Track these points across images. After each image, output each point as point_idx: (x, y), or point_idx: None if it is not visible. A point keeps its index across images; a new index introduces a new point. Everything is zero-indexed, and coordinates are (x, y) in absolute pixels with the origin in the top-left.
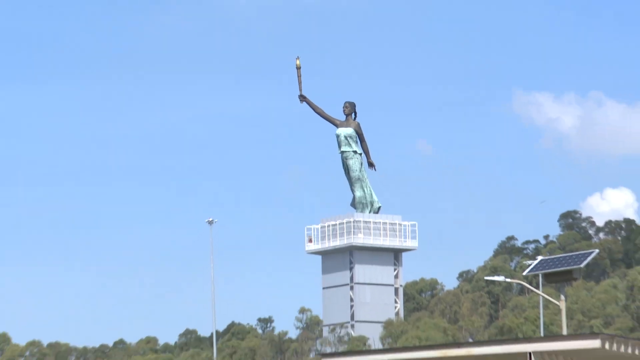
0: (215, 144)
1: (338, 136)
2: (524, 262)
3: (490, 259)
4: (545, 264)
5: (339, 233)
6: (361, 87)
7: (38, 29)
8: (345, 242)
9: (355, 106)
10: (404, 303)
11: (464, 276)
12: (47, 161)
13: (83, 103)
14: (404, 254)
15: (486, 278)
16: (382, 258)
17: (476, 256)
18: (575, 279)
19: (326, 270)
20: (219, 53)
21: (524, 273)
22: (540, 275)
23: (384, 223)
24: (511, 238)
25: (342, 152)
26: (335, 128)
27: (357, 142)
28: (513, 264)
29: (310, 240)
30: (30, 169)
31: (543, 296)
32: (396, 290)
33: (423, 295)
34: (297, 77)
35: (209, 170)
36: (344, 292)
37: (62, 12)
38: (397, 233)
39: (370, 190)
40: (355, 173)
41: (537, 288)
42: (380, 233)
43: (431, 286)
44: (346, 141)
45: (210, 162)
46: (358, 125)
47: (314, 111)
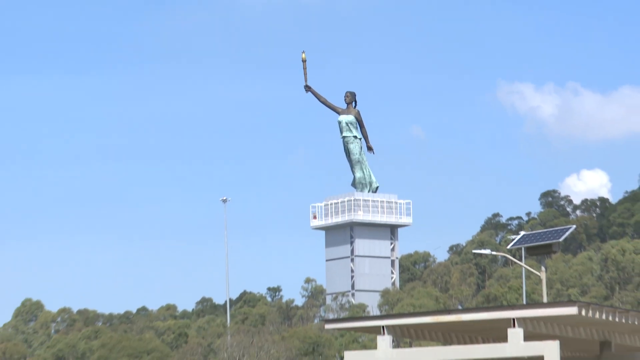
0: (229, 130)
1: (340, 122)
2: (508, 237)
3: (477, 234)
4: (527, 239)
5: (341, 210)
6: (361, 78)
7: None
8: (346, 219)
9: (355, 95)
10: (400, 274)
11: (454, 249)
12: (78, 143)
13: (112, 91)
14: (400, 230)
15: (474, 251)
16: (380, 233)
17: (465, 231)
18: (554, 252)
19: (329, 244)
20: (234, 47)
21: (508, 247)
22: (522, 248)
23: (382, 201)
24: (496, 215)
25: (344, 137)
26: (337, 115)
27: (357, 128)
28: (498, 239)
29: (314, 217)
30: (64, 150)
31: (525, 267)
32: (392, 262)
33: (417, 266)
34: (303, 69)
35: (224, 153)
36: (345, 264)
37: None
38: (394, 210)
39: (369, 171)
40: (355, 156)
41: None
42: (378, 210)
43: (424, 258)
44: (347, 127)
45: (225, 146)
46: (358, 112)
47: (318, 100)
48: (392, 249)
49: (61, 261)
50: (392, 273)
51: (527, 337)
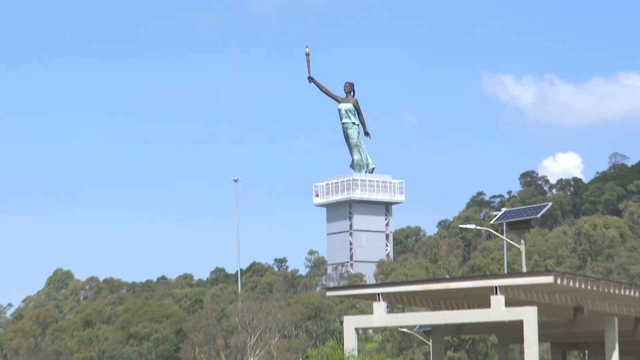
0: (241, 117)
1: (340, 110)
2: (491, 213)
3: (463, 210)
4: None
5: (340, 189)
6: (359, 71)
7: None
8: (345, 197)
9: (353, 86)
10: (393, 246)
11: (442, 224)
12: (106, 128)
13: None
14: (394, 206)
15: (460, 226)
16: (376, 210)
17: (452, 208)
18: (532, 227)
19: (330, 219)
20: (246, 42)
21: (491, 222)
22: (504, 223)
23: (377, 181)
24: (480, 193)
25: (343, 123)
26: (337, 104)
27: (355, 115)
28: (482, 214)
29: (317, 195)
30: (94, 134)
31: (506, 241)
32: (387, 236)
33: (409, 240)
34: (307, 62)
35: (236, 137)
36: (345, 238)
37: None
38: (388, 189)
39: (366, 154)
40: (353, 140)
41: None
42: (374, 189)
43: (415, 232)
44: (346, 114)
45: (237, 132)
46: (356, 101)
47: (320, 90)
48: (387, 224)
49: (90, 235)
50: (387, 246)
51: (508, 304)
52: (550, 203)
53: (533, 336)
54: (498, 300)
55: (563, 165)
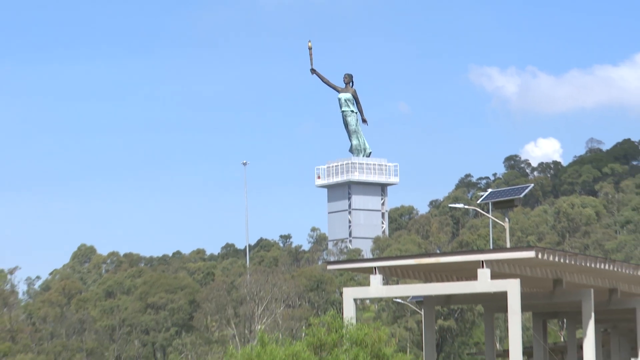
0: (249, 105)
1: (339, 99)
2: (478, 193)
3: (452, 191)
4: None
5: (340, 172)
6: (357, 62)
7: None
8: (345, 179)
9: (352, 77)
10: (388, 224)
11: (433, 204)
12: (127, 115)
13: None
14: (389, 187)
15: (450, 205)
16: (372, 190)
17: (442, 189)
18: (516, 206)
19: (331, 199)
20: (255, 36)
21: (478, 201)
22: (490, 203)
23: (374, 164)
24: (468, 175)
25: (343, 112)
26: (337, 93)
27: (354, 104)
28: (470, 195)
29: (318, 177)
30: (115, 120)
31: (492, 219)
32: (383, 214)
33: (403, 218)
34: (309, 55)
35: (245, 124)
36: (344, 216)
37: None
38: (384, 172)
39: (363, 139)
40: (352, 127)
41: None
42: (371, 172)
43: (409, 211)
44: (346, 103)
45: (245, 118)
46: (355, 91)
47: (322, 80)
48: (383, 204)
49: (111, 213)
50: (382, 223)
51: (493, 276)
52: (532, 184)
53: (516, 306)
54: (484, 273)
55: (544, 149)
